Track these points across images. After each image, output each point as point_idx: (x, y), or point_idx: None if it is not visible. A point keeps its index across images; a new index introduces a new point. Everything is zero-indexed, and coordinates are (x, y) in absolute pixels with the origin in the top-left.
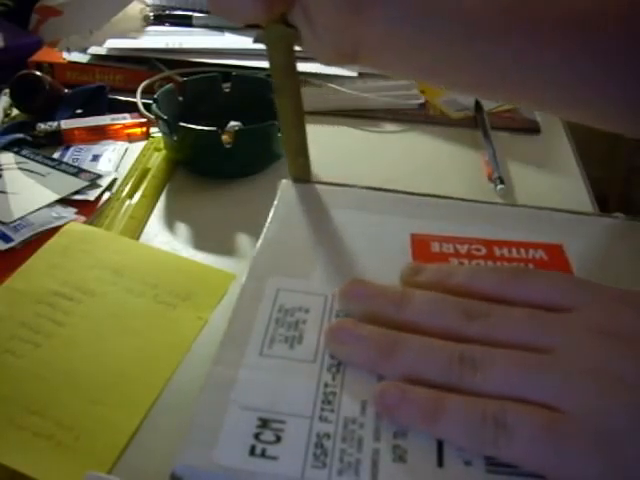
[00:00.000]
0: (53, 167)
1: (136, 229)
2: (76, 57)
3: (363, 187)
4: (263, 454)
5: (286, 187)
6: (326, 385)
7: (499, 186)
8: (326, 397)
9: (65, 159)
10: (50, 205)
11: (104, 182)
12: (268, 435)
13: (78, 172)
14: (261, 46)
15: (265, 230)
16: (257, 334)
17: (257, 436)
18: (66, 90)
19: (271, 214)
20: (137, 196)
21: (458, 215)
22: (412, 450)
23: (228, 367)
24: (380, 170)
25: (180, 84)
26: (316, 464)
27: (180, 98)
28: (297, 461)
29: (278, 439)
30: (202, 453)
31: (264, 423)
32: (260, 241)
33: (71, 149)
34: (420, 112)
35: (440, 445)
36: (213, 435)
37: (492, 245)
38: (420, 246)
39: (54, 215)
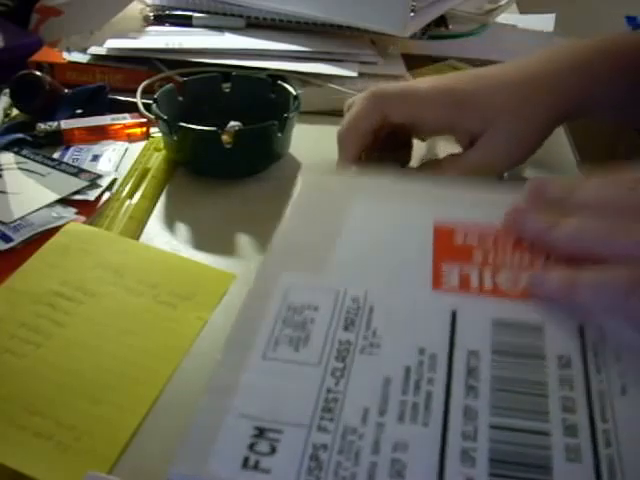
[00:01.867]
0: (53, 167)
1: (136, 229)
2: (76, 57)
3: (384, 177)
4: (256, 466)
5: (305, 179)
6: (328, 391)
7: None
8: (327, 404)
9: (65, 159)
10: (50, 205)
11: (104, 182)
12: (263, 446)
13: (78, 172)
14: (261, 46)
15: (282, 223)
16: (262, 335)
17: (252, 447)
18: (66, 90)
19: (289, 207)
20: (137, 196)
21: (484, 203)
22: (412, 465)
23: (230, 371)
24: None
25: (180, 84)
26: (309, 478)
27: (180, 98)
28: (290, 475)
29: (273, 450)
30: (196, 463)
31: (260, 432)
32: (276, 235)
33: (71, 149)
34: None
35: (442, 460)
36: (208, 444)
37: None
38: (443, 238)
39: (54, 215)
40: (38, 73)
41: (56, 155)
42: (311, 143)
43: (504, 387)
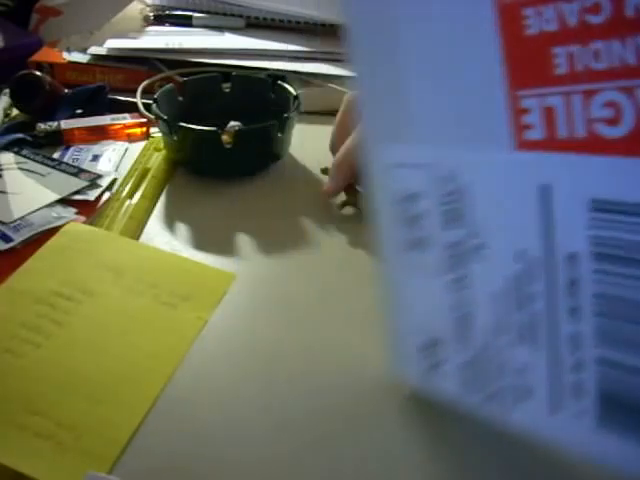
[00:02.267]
0: (53, 167)
1: (136, 229)
2: (76, 57)
3: None
4: (430, 376)
5: None
6: (457, 305)
7: None
8: (460, 321)
9: (65, 159)
10: (50, 205)
11: (104, 182)
12: (431, 358)
13: (78, 172)
14: (261, 46)
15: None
16: (394, 240)
17: (423, 358)
18: (66, 90)
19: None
20: (137, 196)
21: None
22: (536, 385)
23: (386, 288)
24: None
25: (180, 84)
26: (468, 389)
27: (180, 98)
28: (453, 385)
29: (437, 364)
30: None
31: (426, 346)
32: (356, 84)
33: (71, 149)
34: None
35: (554, 389)
36: (402, 356)
37: None
38: (511, 23)
39: (54, 215)
40: (38, 73)
41: (56, 155)
42: (311, 143)
43: (608, 310)
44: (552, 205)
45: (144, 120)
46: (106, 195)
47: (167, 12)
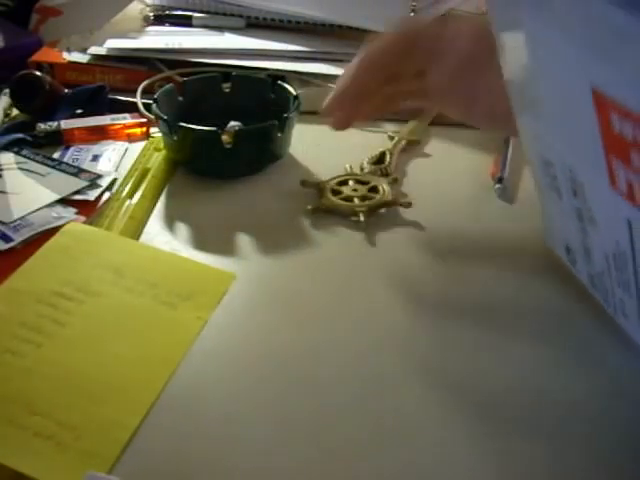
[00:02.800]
0: (53, 167)
1: (136, 229)
2: (76, 57)
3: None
4: (570, 264)
5: None
6: (583, 240)
7: (496, 185)
8: (586, 249)
9: (65, 159)
10: (50, 205)
11: (104, 182)
12: (569, 257)
13: (78, 172)
14: (261, 46)
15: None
16: (542, 182)
17: (565, 253)
18: (66, 90)
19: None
20: (137, 196)
21: None
22: (630, 314)
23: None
24: None
25: (180, 84)
26: (592, 288)
27: (180, 98)
28: (584, 278)
29: (574, 262)
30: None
31: (566, 247)
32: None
33: (71, 149)
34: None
35: None
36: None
37: None
38: (604, 115)
39: (54, 215)
40: (38, 73)
41: (56, 155)
42: (311, 143)
43: None
44: (632, 233)
45: (144, 120)
46: (106, 195)
47: (167, 12)
